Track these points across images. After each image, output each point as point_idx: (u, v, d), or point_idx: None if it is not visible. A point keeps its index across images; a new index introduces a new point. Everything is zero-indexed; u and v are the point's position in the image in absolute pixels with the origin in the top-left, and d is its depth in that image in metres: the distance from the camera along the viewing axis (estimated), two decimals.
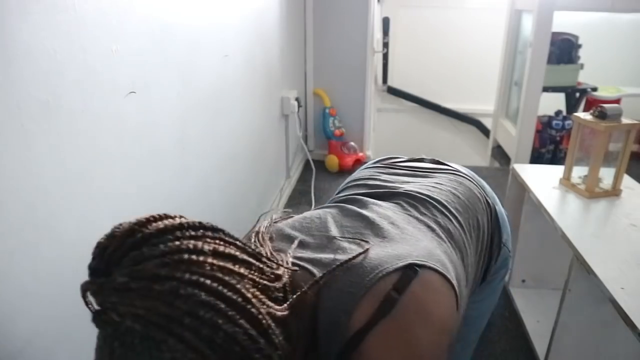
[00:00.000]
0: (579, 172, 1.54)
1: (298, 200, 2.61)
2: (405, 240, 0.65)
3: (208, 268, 0.47)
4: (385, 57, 3.81)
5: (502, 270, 0.90)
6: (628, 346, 1.21)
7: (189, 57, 1.28)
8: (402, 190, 0.79)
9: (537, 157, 2.97)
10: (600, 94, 3.03)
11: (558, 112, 3.02)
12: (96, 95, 0.88)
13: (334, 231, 0.69)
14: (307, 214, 0.76)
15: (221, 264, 0.49)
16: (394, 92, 3.98)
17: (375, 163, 0.97)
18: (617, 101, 2.99)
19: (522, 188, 1.62)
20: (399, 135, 4.08)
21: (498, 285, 0.92)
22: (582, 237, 1.22)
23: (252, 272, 0.52)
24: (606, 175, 1.49)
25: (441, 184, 0.82)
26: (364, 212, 0.72)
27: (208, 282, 0.46)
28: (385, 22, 3.68)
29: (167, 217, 0.51)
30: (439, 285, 0.60)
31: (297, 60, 2.78)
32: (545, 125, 2.99)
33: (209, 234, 0.52)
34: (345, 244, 0.65)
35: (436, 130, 4.13)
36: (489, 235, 0.83)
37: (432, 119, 4.07)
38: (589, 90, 3.02)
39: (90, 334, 0.91)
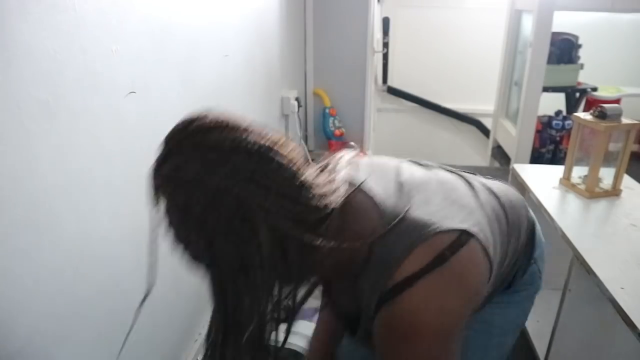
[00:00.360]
0: (579, 172, 1.54)
1: None
2: (463, 207, 0.69)
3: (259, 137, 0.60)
4: (385, 57, 3.81)
5: (530, 287, 0.89)
6: (628, 346, 1.21)
7: (189, 57, 1.28)
8: (457, 172, 0.83)
9: (537, 157, 2.97)
10: (600, 94, 3.03)
11: (558, 112, 3.02)
12: (96, 95, 0.88)
13: (402, 173, 0.74)
14: (381, 159, 0.81)
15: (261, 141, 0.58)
16: (394, 92, 3.98)
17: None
18: (617, 101, 2.98)
19: (522, 188, 1.62)
20: (399, 135, 4.07)
21: (524, 301, 0.90)
22: (582, 237, 1.22)
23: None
24: (606, 175, 1.49)
25: (490, 179, 0.87)
26: (430, 173, 0.77)
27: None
28: (385, 22, 3.68)
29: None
30: (481, 257, 0.65)
31: (297, 60, 2.78)
32: (545, 125, 2.98)
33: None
34: (415, 194, 0.69)
35: (436, 130, 4.13)
36: (524, 243, 0.85)
37: (432, 119, 4.07)
38: (589, 90, 3.02)
39: (90, 334, 0.92)
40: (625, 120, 1.40)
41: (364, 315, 0.70)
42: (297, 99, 2.55)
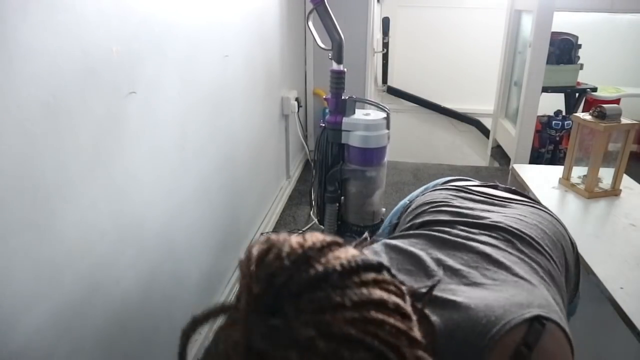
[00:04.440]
0: (578, 172, 1.54)
1: (298, 200, 2.61)
2: (519, 285, 0.59)
3: (391, 335, 0.40)
4: (385, 57, 3.81)
5: (570, 317, 0.84)
6: (627, 346, 1.21)
7: (189, 57, 1.28)
8: (490, 222, 0.71)
9: (536, 157, 2.98)
10: (600, 94, 3.03)
11: (557, 112, 3.02)
12: (96, 95, 0.88)
13: (431, 265, 0.62)
14: (373, 249, 0.67)
15: (400, 326, 0.41)
16: (394, 92, 3.98)
17: (444, 184, 0.90)
18: (617, 101, 2.99)
19: (521, 188, 1.62)
20: (399, 135, 4.07)
21: None
22: (582, 237, 1.22)
23: (414, 330, 0.44)
24: (605, 175, 1.49)
25: (525, 216, 0.75)
26: (463, 243, 0.66)
27: (394, 358, 0.39)
28: (385, 22, 3.68)
29: (338, 244, 0.45)
30: (563, 341, 0.56)
31: (297, 60, 2.78)
32: (544, 125, 2.99)
33: (387, 278, 0.45)
34: (454, 280, 0.59)
35: (436, 130, 4.13)
36: (574, 277, 0.78)
37: (432, 119, 4.07)
38: (588, 90, 3.02)
39: (90, 334, 0.92)
40: (624, 120, 1.40)
41: None
42: (297, 99, 2.55)
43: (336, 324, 0.37)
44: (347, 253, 0.44)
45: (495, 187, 0.89)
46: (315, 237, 0.44)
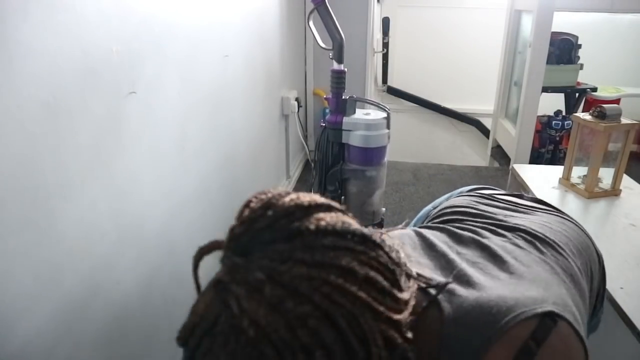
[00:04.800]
0: (578, 172, 1.54)
1: None
2: (535, 282, 0.58)
3: (349, 302, 0.41)
4: (385, 57, 3.81)
5: (592, 333, 0.82)
6: (627, 346, 1.21)
7: (189, 57, 1.28)
8: (512, 225, 0.71)
9: (536, 157, 2.98)
10: (600, 94, 3.03)
11: (557, 112, 3.02)
12: (96, 95, 0.88)
13: (451, 254, 0.63)
14: (401, 233, 0.68)
15: (365, 298, 0.42)
16: (394, 92, 3.98)
17: (469, 192, 0.90)
18: (617, 101, 2.99)
19: (521, 188, 1.62)
20: (399, 135, 4.07)
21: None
22: None
23: (389, 308, 0.45)
24: (605, 175, 1.49)
25: (550, 223, 0.73)
26: (482, 240, 0.65)
27: (343, 324, 0.40)
28: (385, 22, 3.68)
29: (330, 208, 0.47)
30: (574, 341, 0.54)
31: (297, 60, 2.78)
32: (544, 125, 2.99)
33: (370, 251, 0.46)
34: (470, 271, 0.59)
35: (436, 130, 4.13)
36: (598, 287, 0.77)
37: (432, 119, 4.07)
38: (588, 90, 3.02)
39: (90, 333, 0.92)
40: (624, 120, 1.40)
41: None
42: (297, 99, 2.55)
43: (289, 275, 0.41)
44: (334, 218, 0.46)
45: (520, 197, 0.88)
46: (309, 197, 0.47)
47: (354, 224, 0.48)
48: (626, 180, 1.54)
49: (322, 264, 0.42)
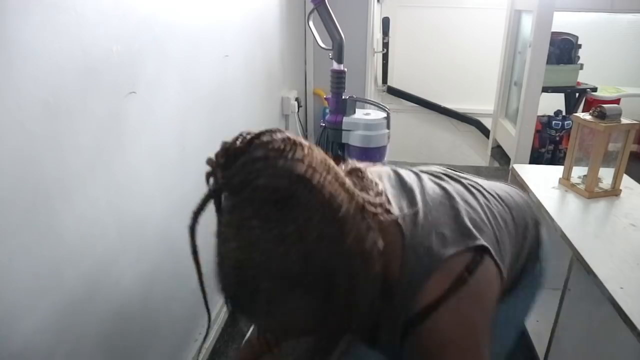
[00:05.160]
0: (578, 172, 1.54)
1: None
2: (476, 220, 0.70)
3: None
4: (385, 57, 3.81)
5: (533, 285, 0.90)
6: (627, 346, 1.21)
7: (189, 57, 1.28)
8: (458, 178, 0.85)
9: (536, 157, 2.97)
10: (600, 94, 3.03)
11: (557, 112, 3.02)
12: (96, 95, 0.88)
13: (417, 191, 0.74)
14: (380, 169, 0.82)
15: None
16: (394, 92, 3.98)
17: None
18: (617, 101, 2.99)
19: (521, 188, 1.62)
20: (399, 135, 4.08)
21: (527, 298, 0.91)
22: (582, 237, 1.22)
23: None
24: (606, 175, 1.49)
25: (491, 181, 0.89)
26: (443, 184, 0.78)
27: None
28: (385, 22, 3.68)
29: (301, 146, 0.59)
30: (495, 274, 0.67)
31: (297, 60, 2.78)
32: (544, 125, 2.99)
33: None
34: (429, 206, 0.70)
35: (436, 130, 4.13)
36: (530, 244, 0.86)
37: (432, 119, 4.07)
38: (588, 90, 3.02)
39: (90, 334, 0.92)
40: (624, 120, 1.40)
41: (386, 330, 0.72)
42: (297, 99, 2.55)
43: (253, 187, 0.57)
44: (279, 135, 0.59)
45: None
46: (285, 137, 0.59)
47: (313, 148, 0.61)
48: (626, 180, 1.54)
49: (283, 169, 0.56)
